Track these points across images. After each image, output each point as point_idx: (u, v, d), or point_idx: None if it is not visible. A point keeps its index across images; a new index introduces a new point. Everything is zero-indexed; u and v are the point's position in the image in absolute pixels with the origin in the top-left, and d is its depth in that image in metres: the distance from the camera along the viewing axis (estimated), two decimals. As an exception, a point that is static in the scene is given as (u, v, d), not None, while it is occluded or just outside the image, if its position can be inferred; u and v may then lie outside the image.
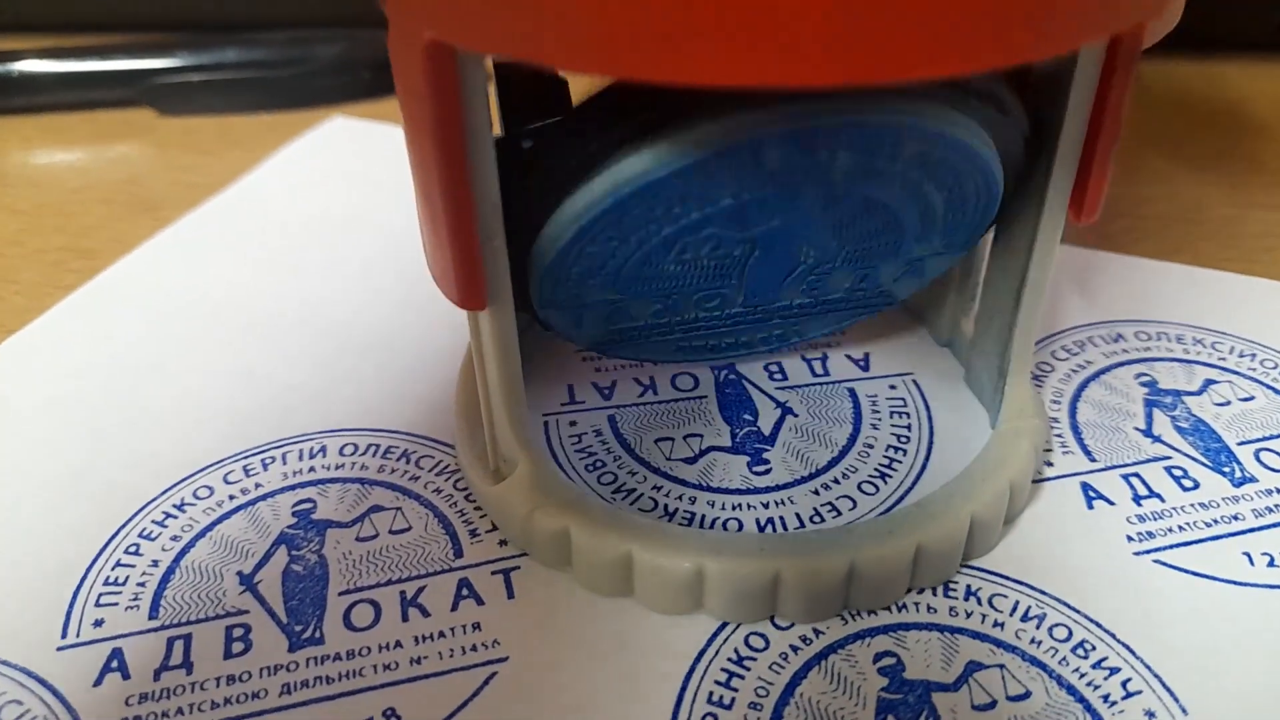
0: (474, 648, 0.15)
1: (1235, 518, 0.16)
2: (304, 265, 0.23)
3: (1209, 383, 0.19)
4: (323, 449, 0.18)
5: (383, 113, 0.31)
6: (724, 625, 0.15)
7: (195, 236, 0.24)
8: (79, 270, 0.23)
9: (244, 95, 0.31)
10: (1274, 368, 0.20)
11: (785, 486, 0.17)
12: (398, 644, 0.15)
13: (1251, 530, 0.16)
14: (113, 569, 0.16)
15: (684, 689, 0.14)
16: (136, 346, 0.20)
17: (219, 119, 0.31)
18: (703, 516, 0.16)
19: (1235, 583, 0.15)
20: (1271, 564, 0.16)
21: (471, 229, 0.13)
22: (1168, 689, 0.14)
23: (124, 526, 0.16)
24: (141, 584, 0.15)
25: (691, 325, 0.17)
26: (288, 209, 0.25)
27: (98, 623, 0.15)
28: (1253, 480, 0.17)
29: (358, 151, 0.28)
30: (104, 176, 0.28)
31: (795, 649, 0.15)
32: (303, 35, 0.32)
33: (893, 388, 0.19)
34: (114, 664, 0.14)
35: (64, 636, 0.15)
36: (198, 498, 0.17)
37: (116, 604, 0.15)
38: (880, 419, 0.18)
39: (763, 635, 0.15)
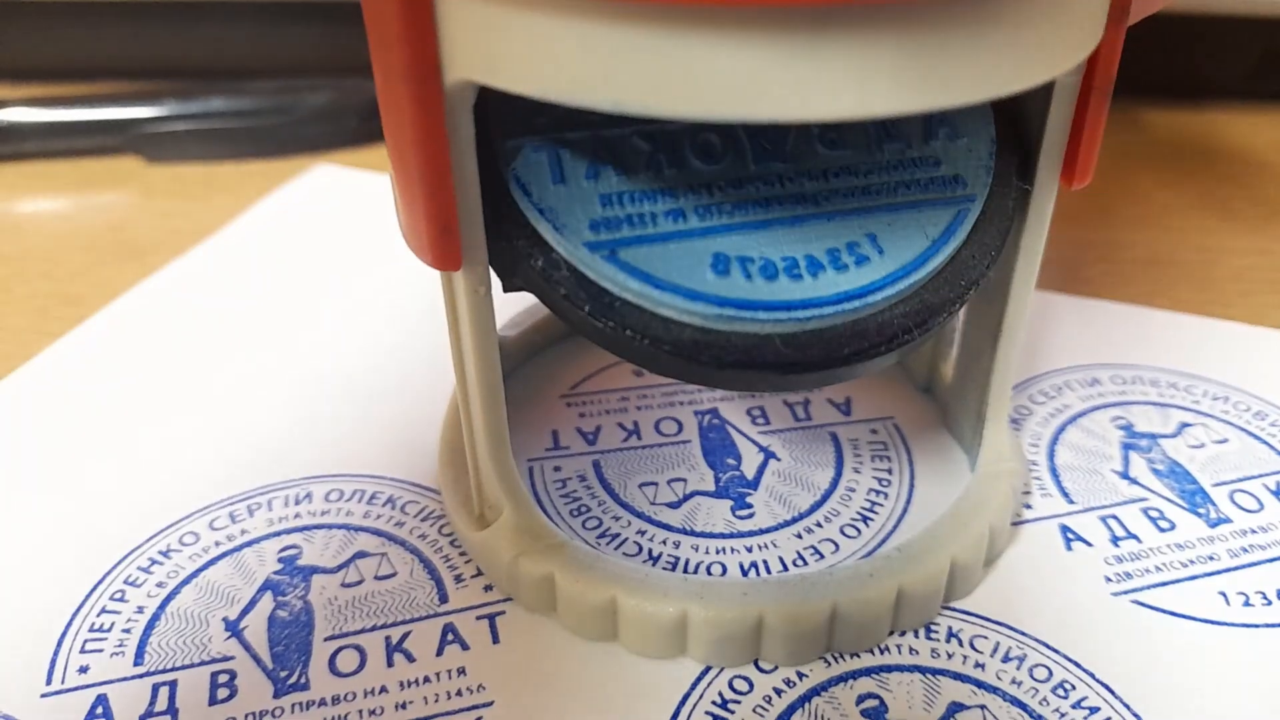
0: (459, 692, 0.15)
1: (1211, 558, 0.17)
2: (290, 312, 0.23)
3: (1184, 426, 0.20)
4: (308, 495, 0.18)
5: (368, 161, 0.31)
6: (708, 669, 0.15)
7: (181, 283, 0.24)
8: (65, 317, 0.23)
9: (231, 143, 0.31)
10: (1246, 410, 0.20)
11: (768, 530, 0.17)
12: (383, 689, 0.15)
13: (1227, 570, 0.17)
14: (98, 615, 0.16)
15: (669, 733, 0.14)
16: (122, 393, 0.21)
17: (206, 166, 0.31)
18: (687, 560, 0.17)
19: (1212, 622, 0.16)
20: (1247, 604, 0.16)
21: (445, 174, 0.12)
22: (1147, 729, 0.14)
23: (109, 573, 0.16)
24: (127, 630, 0.15)
25: (709, 204, 0.14)
26: (273, 256, 0.26)
27: (83, 669, 0.15)
28: (1227, 521, 0.17)
29: (343, 199, 0.29)
30: (90, 223, 0.28)
31: (779, 692, 0.15)
32: (289, 84, 0.32)
33: (874, 432, 0.19)
34: (99, 710, 0.14)
35: (49, 683, 0.15)
36: (183, 544, 0.17)
37: (102, 650, 0.15)
38: (862, 463, 0.19)
39: (747, 679, 0.15)
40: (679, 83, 0.10)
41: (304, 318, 0.23)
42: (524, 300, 0.22)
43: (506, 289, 0.14)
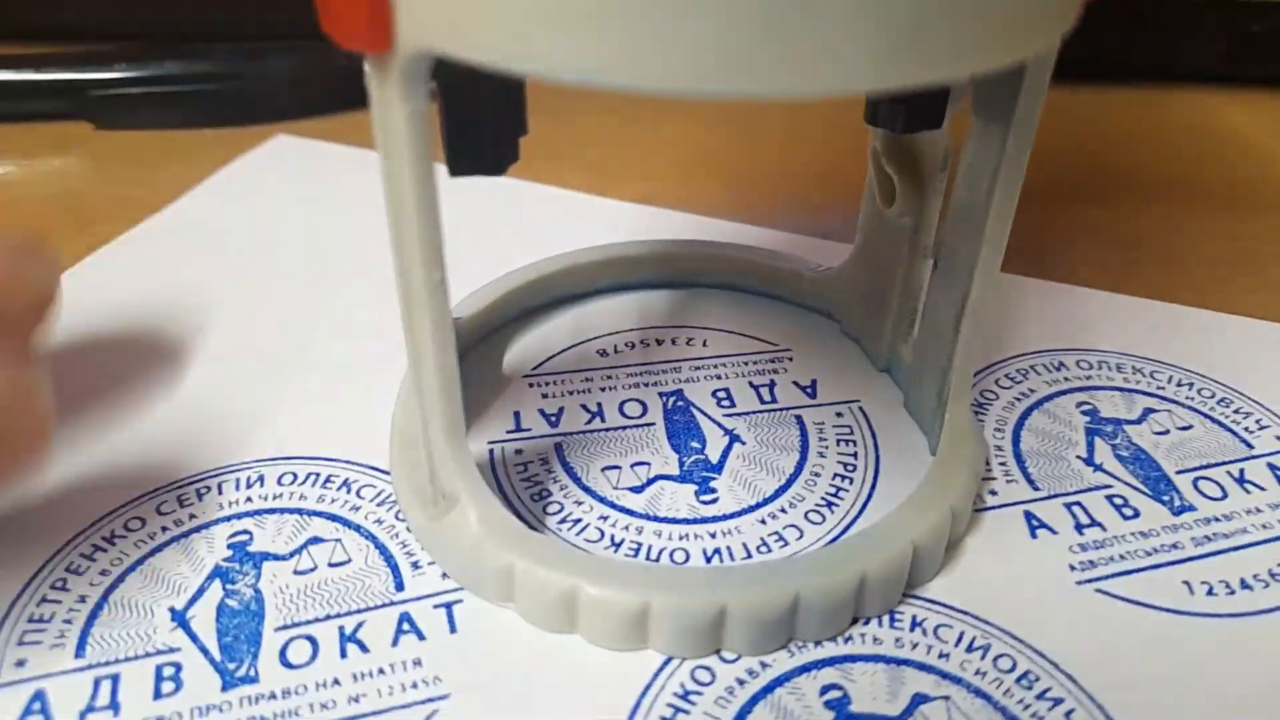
0: (414, 685, 0.14)
1: (1175, 546, 0.17)
2: (244, 287, 0.23)
3: (1149, 411, 0.20)
4: (260, 478, 0.17)
5: (327, 131, 0.30)
6: (670, 659, 0.15)
7: (132, 255, 0.24)
8: (9, 289, 0.23)
9: (185, 109, 0.30)
10: (1211, 397, 0.20)
11: (732, 516, 0.17)
12: (335, 681, 0.14)
13: (1191, 559, 0.16)
14: (37, 605, 0.15)
15: (629, 726, 0.14)
16: (67, 370, 0.20)
17: (159, 133, 0.30)
18: (649, 547, 0.16)
19: (1175, 611, 0.16)
20: (1210, 593, 0.16)
21: None
22: (1109, 719, 0.14)
23: (49, 561, 0.16)
24: (68, 621, 0.15)
25: None
26: (229, 229, 0.25)
27: (20, 663, 0.14)
28: (1191, 509, 0.17)
29: (301, 170, 0.28)
30: (37, 190, 0.27)
31: (741, 682, 0.14)
32: (246, 48, 0.31)
33: (839, 415, 0.19)
34: (36, 706, 0.14)
35: (-16, 677, 0.14)
36: (129, 530, 0.16)
37: (40, 642, 0.15)
38: (827, 446, 0.18)
39: (709, 669, 0.15)
40: (653, 55, 0.10)
41: (258, 293, 0.22)
42: (476, 281, 0.21)
43: None
